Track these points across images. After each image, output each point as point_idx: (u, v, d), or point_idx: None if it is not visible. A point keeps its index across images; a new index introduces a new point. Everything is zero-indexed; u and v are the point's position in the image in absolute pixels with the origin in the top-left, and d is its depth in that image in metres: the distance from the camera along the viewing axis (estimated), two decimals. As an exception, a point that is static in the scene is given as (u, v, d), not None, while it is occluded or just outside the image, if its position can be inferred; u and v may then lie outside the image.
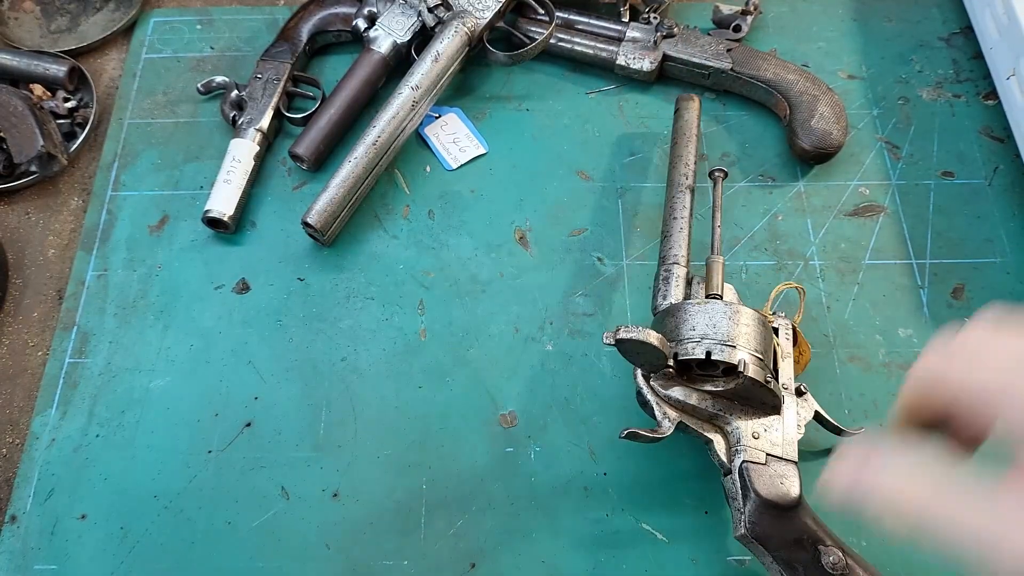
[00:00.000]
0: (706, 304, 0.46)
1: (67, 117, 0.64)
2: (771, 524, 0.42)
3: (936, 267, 0.57)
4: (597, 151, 0.63)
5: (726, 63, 0.62)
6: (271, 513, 0.50)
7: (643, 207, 0.60)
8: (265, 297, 0.57)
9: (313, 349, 0.55)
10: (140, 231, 0.60)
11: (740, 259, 0.58)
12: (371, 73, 0.62)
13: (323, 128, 0.61)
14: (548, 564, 0.48)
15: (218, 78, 0.64)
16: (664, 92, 0.65)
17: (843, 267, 0.57)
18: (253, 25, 0.70)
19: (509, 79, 0.67)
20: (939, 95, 0.64)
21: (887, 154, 0.62)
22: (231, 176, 0.59)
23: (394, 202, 0.61)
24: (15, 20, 0.70)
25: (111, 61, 0.69)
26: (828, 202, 0.60)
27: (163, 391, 0.54)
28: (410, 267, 0.58)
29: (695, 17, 0.68)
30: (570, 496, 0.50)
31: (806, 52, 0.67)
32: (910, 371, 0.29)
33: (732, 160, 0.62)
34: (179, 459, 0.51)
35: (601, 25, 0.65)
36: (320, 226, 0.56)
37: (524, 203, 0.61)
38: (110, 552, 0.49)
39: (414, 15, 0.63)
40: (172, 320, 0.56)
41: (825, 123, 0.59)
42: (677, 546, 0.48)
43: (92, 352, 0.55)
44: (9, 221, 0.61)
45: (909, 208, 0.59)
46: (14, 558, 0.48)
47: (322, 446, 0.52)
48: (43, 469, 0.51)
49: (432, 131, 0.63)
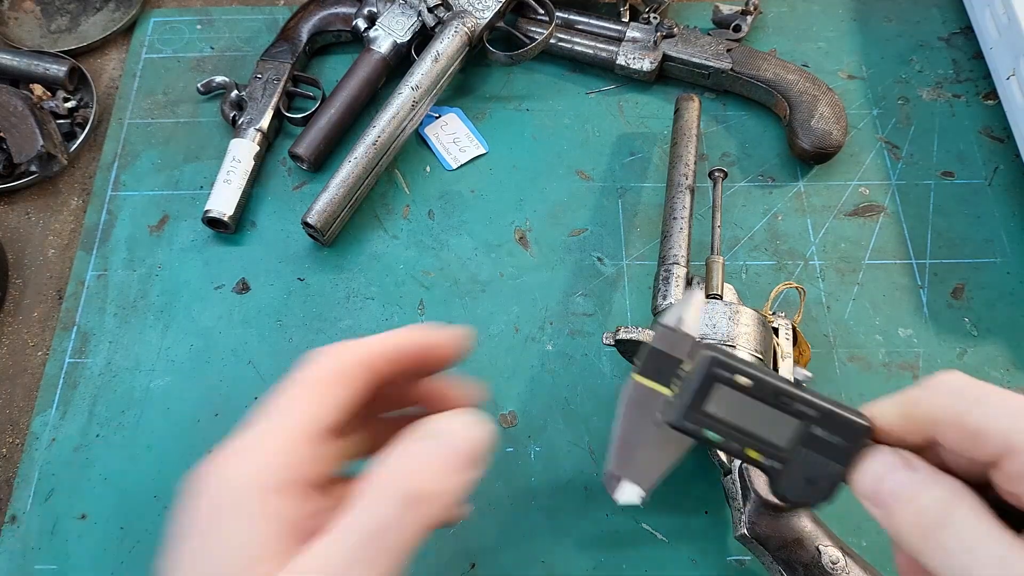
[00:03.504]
0: (706, 304, 0.46)
1: (67, 117, 0.64)
2: (771, 524, 0.42)
3: (936, 267, 0.57)
4: (597, 151, 0.63)
5: (726, 63, 0.62)
6: (271, 513, 0.50)
7: (643, 207, 0.60)
8: (265, 297, 0.57)
9: (313, 349, 0.55)
10: (140, 231, 0.60)
11: (740, 259, 0.58)
12: (371, 73, 0.62)
13: (323, 128, 0.61)
14: (548, 564, 0.48)
15: (218, 78, 0.64)
16: (664, 92, 0.65)
17: (843, 267, 0.57)
18: (253, 25, 0.70)
19: (509, 79, 0.67)
20: (939, 95, 0.64)
21: (887, 154, 0.62)
22: (231, 176, 0.59)
23: (394, 202, 0.61)
24: (15, 20, 0.70)
25: (111, 61, 0.69)
26: (828, 202, 0.60)
27: (163, 391, 0.54)
28: (410, 267, 0.58)
29: (695, 17, 0.68)
30: (570, 496, 0.50)
31: (806, 52, 0.67)
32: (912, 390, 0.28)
33: (732, 160, 0.62)
34: (179, 459, 0.51)
35: (601, 25, 0.65)
36: (320, 226, 0.56)
37: (524, 203, 0.61)
38: (110, 552, 0.48)
39: (414, 15, 0.63)
40: (172, 320, 0.56)
41: (825, 123, 0.59)
42: (677, 546, 0.48)
43: (92, 352, 0.55)
44: (9, 221, 0.61)
45: (909, 208, 0.59)
46: (14, 558, 0.48)
47: (322, 446, 0.52)
48: (43, 469, 0.51)
49: (432, 131, 0.63)
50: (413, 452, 0.26)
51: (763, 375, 0.28)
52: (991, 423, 0.25)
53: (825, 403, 0.28)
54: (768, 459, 0.28)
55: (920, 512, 0.25)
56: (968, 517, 0.25)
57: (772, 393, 0.28)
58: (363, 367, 0.28)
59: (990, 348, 0.54)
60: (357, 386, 0.28)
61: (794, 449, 0.28)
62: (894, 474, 0.26)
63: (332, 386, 0.27)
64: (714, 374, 0.28)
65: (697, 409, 0.28)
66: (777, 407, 0.28)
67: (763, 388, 0.28)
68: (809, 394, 0.28)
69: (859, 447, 0.27)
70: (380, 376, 0.29)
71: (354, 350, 0.28)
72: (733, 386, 0.28)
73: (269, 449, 0.25)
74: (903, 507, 0.26)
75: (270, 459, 0.25)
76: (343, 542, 0.24)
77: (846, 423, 0.27)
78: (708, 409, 0.28)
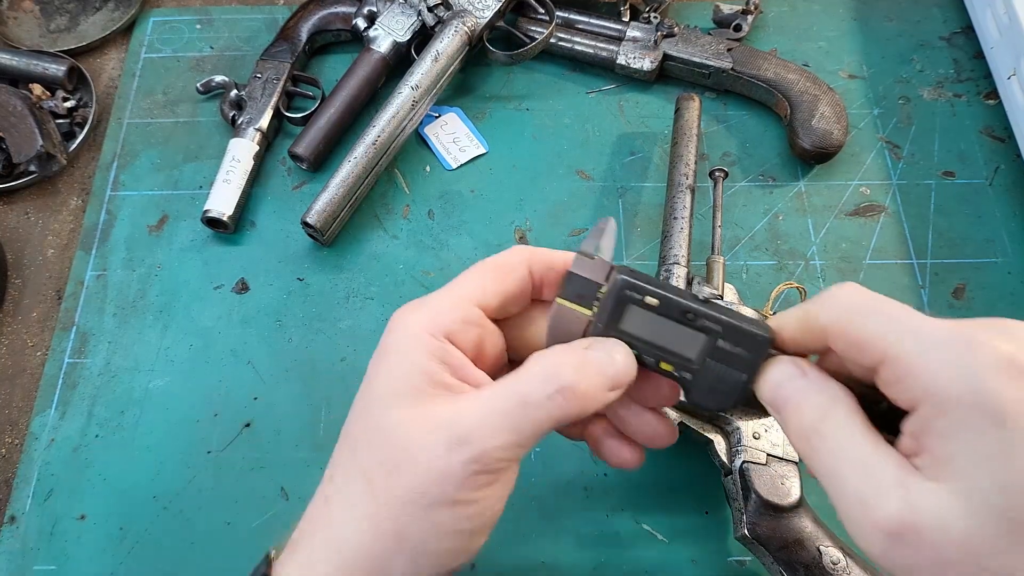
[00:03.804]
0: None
1: (66, 117, 0.64)
2: (771, 524, 0.42)
3: (937, 267, 0.57)
4: (597, 151, 0.63)
5: (726, 63, 0.62)
6: (271, 514, 0.50)
7: (643, 207, 0.60)
8: (265, 297, 0.57)
9: (313, 349, 0.55)
10: (139, 231, 0.60)
11: (741, 259, 0.58)
12: (371, 73, 0.62)
13: (323, 128, 0.60)
14: (548, 564, 0.48)
15: (217, 78, 0.64)
16: (664, 92, 0.65)
17: (844, 267, 0.57)
18: (253, 25, 0.70)
19: (509, 79, 0.66)
20: (940, 95, 0.64)
21: (888, 154, 0.62)
22: (230, 176, 0.59)
23: (394, 202, 0.61)
24: (14, 19, 0.70)
25: (110, 61, 0.69)
26: (829, 202, 0.60)
27: (162, 391, 0.54)
28: (410, 267, 0.58)
29: (695, 16, 0.68)
30: (570, 496, 0.50)
31: (807, 52, 0.67)
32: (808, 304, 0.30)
33: (733, 160, 0.62)
34: (178, 459, 0.51)
35: (601, 24, 0.65)
36: (320, 226, 0.56)
37: (524, 203, 0.60)
38: (109, 552, 0.48)
39: (414, 14, 0.63)
40: (171, 320, 0.56)
41: (826, 123, 0.59)
42: (677, 546, 0.48)
43: (91, 352, 0.55)
44: (8, 221, 0.61)
45: (910, 208, 0.59)
46: (13, 558, 0.48)
47: (322, 446, 0.51)
48: (42, 469, 0.51)
49: (432, 131, 0.63)
50: (578, 355, 0.31)
51: (669, 294, 0.30)
52: (870, 333, 0.27)
53: (728, 318, 0.30)
54: (679, 371, 0.31)
55: (802, 417, 0.28)
56: (839, 422, 0.27)
57: (679, 311, 0.30)
58: (524, 264, 0.33)
59: (991, 348, 0.54)
60: (514, 278, 0.33)
61: (703, 361, 0.31)
62: (789, 382, 0.29)
63: (495, 271, 0.33)
64: (625, 296, 0.31)
65: (613, 328, 0.31)
66: (684, 323, 0.31)
67: (670, 307, 0.31)
68: (714, 310, 0.30)
69: (761, 357, 0.30)
70: (537, 277, 0.34)
71: (522, 251, 0.34)
72: (644, 306, 0.31)
73: (434, 307, 0.32)
74: (791, 412, 0.29)
75: (433, 314, 0.32)
76: (501, 396, 0.30)
77: (748, 335, 0.30)
78: (623, 327, 0.31)
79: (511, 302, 0.34)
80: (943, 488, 0.24)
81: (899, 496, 0.25)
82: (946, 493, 0.24)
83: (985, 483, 0.24)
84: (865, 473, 0.26)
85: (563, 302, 0.32)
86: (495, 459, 0.29)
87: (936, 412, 0.25)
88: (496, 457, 0.29)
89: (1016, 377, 0.24)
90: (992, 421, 0.24)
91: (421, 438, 0.29)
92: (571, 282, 0.32)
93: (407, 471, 0.29)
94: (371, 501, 0.30)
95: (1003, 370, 0.24)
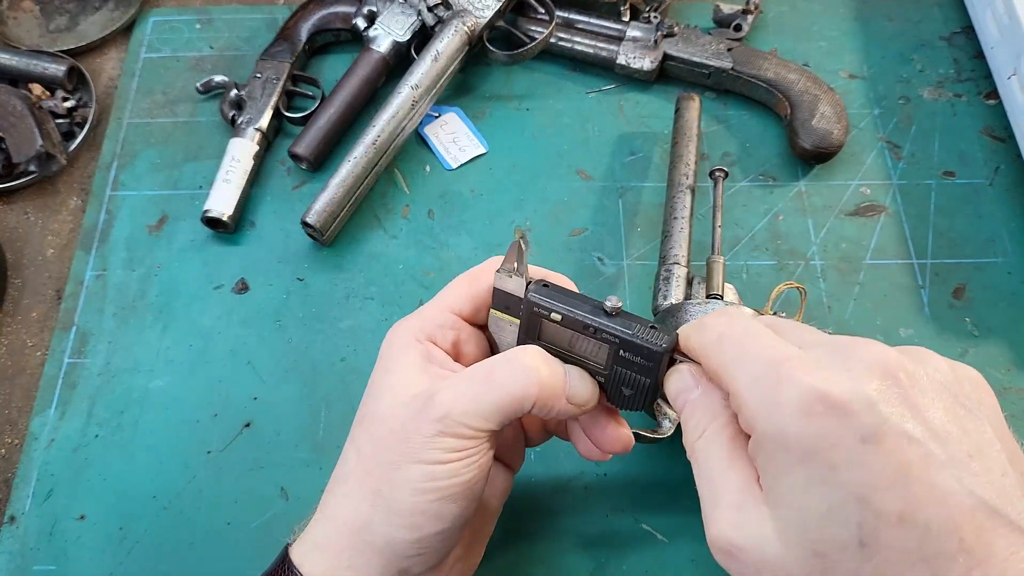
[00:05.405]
0: (707, 304, 0.45)
1: (66, 117, 0.64)
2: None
3: (937, 267, 0.57)
4: (597, 150, 0.63)
5: (727, 62, 0.62)
6: (271, 514, 0.49)
7: (643, 207, 0.60)
8: (264, 297, 0.57)
9: (312, 349, 0.55)
10: (139, 231, 0.60)
11: (741, 259, 0.57)
12: (371, 72, 0.62)
13: (323, 128, 0.60)
14: (548, 564, 0.48)
15: (217, 77, 0.64)
16: (664, 91, 0.65)
17: (844, 267, 0.57)
18: (253, 24, 0.70)
19: (509, 79, 0.66)
20: (940, 95, 0.64)
21: (888, 154, 0.62)
22: (230, 176, 0.59)
23: (394, 202, 0.61)
24: (14, 19, 0.70)
25: (110, 60, 0.69)
26: (829, 202, 0.60)
27: (162, 391, 0.54)
28: (410, 267, 0.58)
29: (696, 16, 0.68)
30: (570, 496, 0.50)
31: (807, 51, 0.67)
32: None
33: (733, 160, 0.62)
34: (178, 459, 0.51)
35: (601, 24, 0.65)
36: (319, 226, 0.56)
37: (524, 203, 0.60)
38: (109, 553, 0.48)
39: (414, 14, 0.63)
40: (171, 320, 0.56)
41: (826, 123, 0.59)
42: (677, 546, 0.48)
43: (91, 352, 0.55)
44: (8, 221, 0.61)
45: (910, 208, 0.59)
46: (13, 559, 0.48)
47: (322, 447, 0.51)
48: (42, 469, 0.51)
49: (432, 131, 0.63)
50: (546, 355, 0.35)
51: (571, 312, 0.34)
52: (719, 364, 0.29)
53: (624, 333, 0.33)
54: (595, 375, 0.35)
55: (687, 432, 0.31)
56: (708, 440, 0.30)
57: (581, 326, 0.34)
58: (491, 273, 0.37)
59: (991, 348, 0.54)
60: (480, 286, 0.37)
61: (611, 368, 0.34)
62: (683, 393, 0.32)
63: (467, 281, 0.38)
64: (536, 313, 0.35)
65: (534, 339, 0.36)
66: (588, 336, 0.34)
67: (574, 323, 0.34)
68: (613, 324, 0.33)
69: (659, 365, 0.33)
70: None
71: (493, 261, 0.38)
72: (553, 321, 0.35)
73: (422, 316, 0.37)
74: (683, 424, 0.32)
75: (420, 322, 0.37)
76: (470, 372, 0.34)
77: (644, 348, 0.33)
78: (542, 338, 0.36)
79: (483, 307, 0.38)
80: (768, 514, 0.27)
81: (729, 517, 0.28)
82: (769, 519, 0.27)
83: (794, 515, 0.26)
84: (712, 491, 0.29)
85: (495, 312, 0.37)
86: (458, 423, 0.32)
87: (755, 446, 0.27)
88: (459, 421, 0.33)
89: (818, 414, 0.25)
90: (797, 458, 0.26)
91: (401, 407, 0.34)
92: (496, 296, 0.36)
93: (385, 433, 0.34)
94: (358, 466, 0.34)
95: (804, 407, 0.25)
